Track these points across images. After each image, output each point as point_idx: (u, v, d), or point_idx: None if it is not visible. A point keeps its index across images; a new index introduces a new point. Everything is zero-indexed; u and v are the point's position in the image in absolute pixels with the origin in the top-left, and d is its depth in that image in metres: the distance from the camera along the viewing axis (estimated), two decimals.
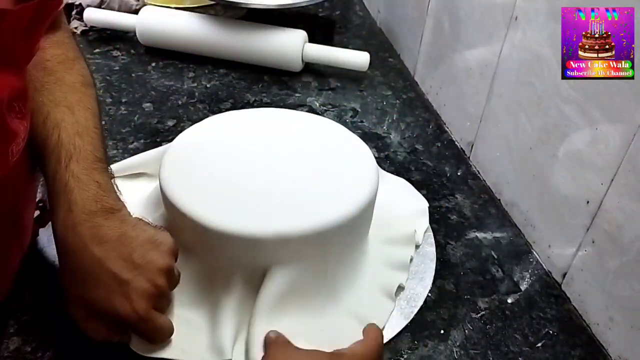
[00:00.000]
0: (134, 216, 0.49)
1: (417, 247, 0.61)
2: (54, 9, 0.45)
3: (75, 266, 0.45)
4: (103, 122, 0.75)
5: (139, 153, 0.67)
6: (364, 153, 0.59)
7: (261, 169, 0.55)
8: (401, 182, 0.69)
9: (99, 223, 0.46)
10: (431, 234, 0.63)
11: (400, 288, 0.56)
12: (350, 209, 0.51)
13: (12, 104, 0.43)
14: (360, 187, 0.54)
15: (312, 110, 0.84)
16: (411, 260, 0.59)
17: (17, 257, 0.54)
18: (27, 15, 0.41)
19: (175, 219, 0.52)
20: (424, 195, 0.67)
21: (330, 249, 0.52)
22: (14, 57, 0.42)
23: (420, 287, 0.57)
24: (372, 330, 0.50)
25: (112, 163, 0.62)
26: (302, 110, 0.82)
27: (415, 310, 0.55)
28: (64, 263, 0.46)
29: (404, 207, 0.64)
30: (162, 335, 0.48)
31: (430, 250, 0.61)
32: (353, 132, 0.62)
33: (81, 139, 0.50)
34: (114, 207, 0.48)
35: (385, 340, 0.51)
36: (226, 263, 0.51)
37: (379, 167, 0.59)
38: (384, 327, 0.52)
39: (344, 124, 0.70)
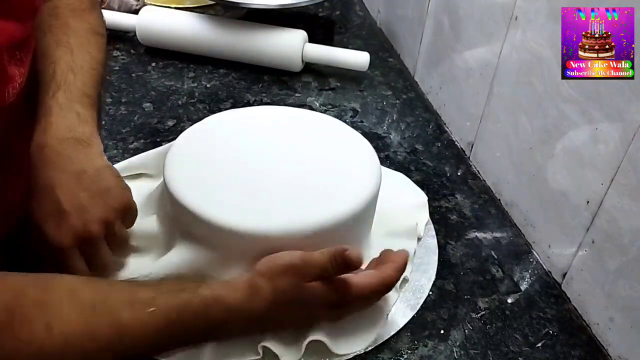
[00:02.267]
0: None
1: (418, 239, 0.61)
2: None
3: (33, 182, 0.48)
4: (103, 122, 0.76)
5: (139, 153, 0.67)
6: (366, 149, 0.59)
7: (266, 165, 0.56)
8: (399, 176, 0.70)
9: (65, 151, 0.48)
10: (432, 226, 0.63)
11: (405, 280, 0.56)
12: (354, 204, 0.52)
13: (13, 52, 0.46)
14: (364, 182, 0.54)
15: (312, 110, 0.84)
16: (414, 253, 0.59)
17: (18, 194, 0.54)
18: None
19: (181, 217, 0.52)
20: None
21: (336, 243, 0.52)
22: (13, 8, 0.44)
23: (424, 279, 0.58)
24: (388, 266, 0.49)
25: (112, 164, 0.61)
26: None
27: (421, 302, 0.55)
28: (30, 178, 0.49)
29: (404, 201, 0.65)
30: None
31: (432, 242, 0.62)
32: None
33: (73, 76, 0.53)
34: (85, 141, 0.50)
35: (389, 334, 0.52)
36: (234, 259, 0.51)
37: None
38: (387, 316, 0.53)
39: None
